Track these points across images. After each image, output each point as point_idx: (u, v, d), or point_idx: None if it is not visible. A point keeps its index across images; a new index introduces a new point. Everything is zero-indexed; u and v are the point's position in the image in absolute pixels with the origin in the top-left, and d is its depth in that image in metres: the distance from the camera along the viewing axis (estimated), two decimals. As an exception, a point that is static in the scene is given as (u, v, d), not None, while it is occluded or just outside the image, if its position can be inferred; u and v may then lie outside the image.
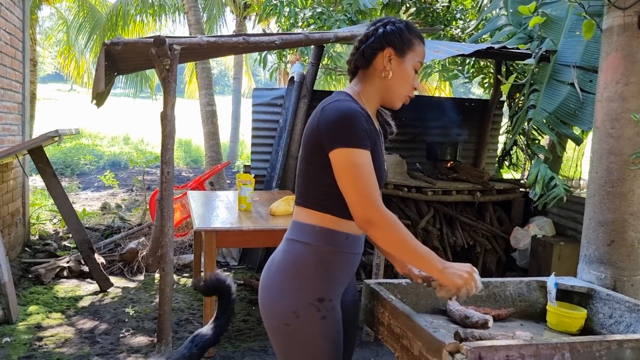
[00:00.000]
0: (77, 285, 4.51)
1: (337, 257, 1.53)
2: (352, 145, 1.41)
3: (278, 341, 1.55)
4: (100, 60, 3.00)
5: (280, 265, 1.55)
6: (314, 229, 1.52)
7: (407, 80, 1.55)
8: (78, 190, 8.84)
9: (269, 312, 1.55)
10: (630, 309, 1.74)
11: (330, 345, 1.52)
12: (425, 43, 1.61)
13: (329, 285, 1.53)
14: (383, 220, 1.40)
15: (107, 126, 16.64)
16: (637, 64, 1.82)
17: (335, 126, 1.42)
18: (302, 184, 1.55)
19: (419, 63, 1.57)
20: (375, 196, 1.41)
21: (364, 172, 1.41)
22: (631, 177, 1.85)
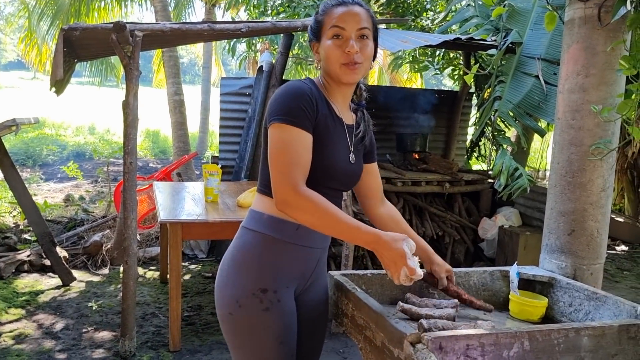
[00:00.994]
0: (38, 279, 4.38)
1: (285, 248, 1.47)
2: (284, 122, 1.36)
3: (225, 330, 1.51)
4: (59, 46, 2.89)
5: (229, 254, 1.52)
6: (262, 217, 1.47)
7: (331, 56, 1.45)
8: (40, 181, 8.58)
9: (217, 301, 1.52)
10: (588, 297, 1.77)
11: (274, 340, 1.46)
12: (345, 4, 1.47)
13: (274, 276, 1.46)
14: (298, 200, 1.32)
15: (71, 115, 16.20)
16: (598, 55, 1.84)
17: (275, 102, 1.40)
18: (260, 169, 1.52)
19: (334, 28, 1.44)
20: (295, 176, 1.33)
21: (289, 149, 1.35)
22: (591, 168, 1.88)
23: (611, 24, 1.80)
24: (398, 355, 1.30)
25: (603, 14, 1.81)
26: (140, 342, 3.29)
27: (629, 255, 6.09)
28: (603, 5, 1.81)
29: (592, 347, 1.41)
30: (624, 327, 1.45)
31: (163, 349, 3.22)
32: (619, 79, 1.86)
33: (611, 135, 1.88)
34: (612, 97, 1.84)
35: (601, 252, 1.96)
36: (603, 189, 1.90)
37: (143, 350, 3.20)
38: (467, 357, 1.29)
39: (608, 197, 1.93)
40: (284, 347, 1.48)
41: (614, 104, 1.82)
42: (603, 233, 1.95)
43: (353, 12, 1.45)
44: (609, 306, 1.70)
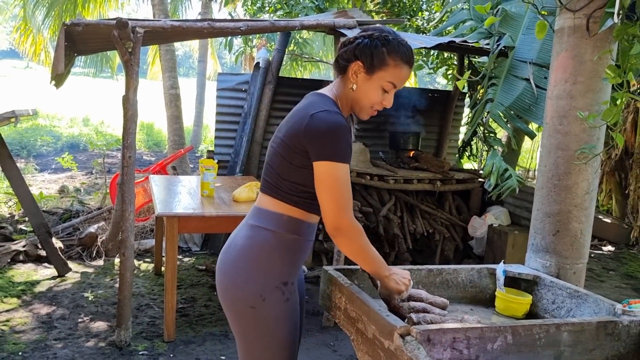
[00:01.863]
0: (34, 269, 4.43)
1: (299, 244, 1.61)
2: (338, 160, 1.47)
3: (242, 324, 1.60)
4: (60, 41, 2.93)
5: (245, 250, 1.59)
6: (282, 218, 1.57)
7: (371, 98, 1.57)
8: (35, 172, 8.58)
9: (232, 297, 1.59)
10: (570, 295, 1.86)
11: (291, 325, 1.61)
12: (411, 65, 1.57)
13: (291, 269, 1.61)
14: (351, 231, 1.51)
15: (65, 106, 16.12)
16: (585, 64, 1.92)
17: (324, 139, 1.46)
18: (274, 176, 1.58)
19: (389, 84, 1.56)
20: (349, 208, 1.50)
21: (343, 185, 1.48)
22: (576, 171, 1.96)
23: (599, 34, 1.88)
24: (388, 346, 1.38)
25: (591, 24, 1.89)
26: (135, 332, 3.35)
27: (614, 256, 6.22)
28: (591, 16, 1.89)
29: (572, 342, 1.49)
30: (602, 324, 1.54)
31: (158, 340, 3.28)
32: (605, 86, 1.94)
33: (596, 140, 1.96)
34: (598, 104, 1.92)
35: (584, 253, 2.05)
36: (587, 192, 1.98)
37: (138, 340, 3.26)
38: (454, 350, 1.37)
39: (592, 199, 2.01)
40: (296, 330, 1.64)
41: (599, 110, 1.90)
42: (586, 234, 2.04)
43: (409, 75, 1.59)
44: (589, 304, 1.78)
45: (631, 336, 1.57)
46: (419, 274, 1.95)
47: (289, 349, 1.61)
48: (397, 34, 1.58)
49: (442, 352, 1.35)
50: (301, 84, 5.84)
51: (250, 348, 1.61)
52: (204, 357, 3.10)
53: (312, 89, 1.68)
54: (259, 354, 1.60)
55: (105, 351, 3.10)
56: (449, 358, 1.36)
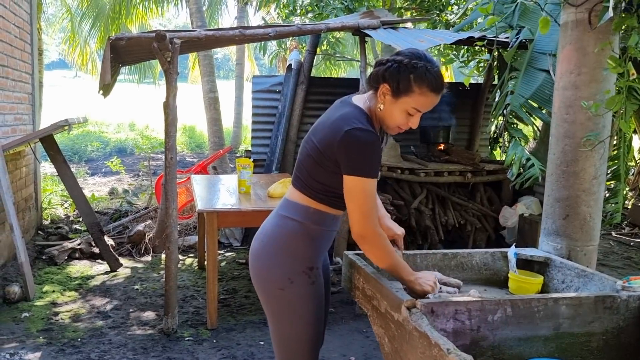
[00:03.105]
0: (89, 265, 4.79)
1: (323, 234, 1.79)
2: (366, 176, 1.61)
3: (273, 304, 1.80)
4: (106, 53, 3.22)
5: (274, 237, 1.78)
6: (308, 210, 1.75)
7: (396, 120, 1.66)
8: (86, 176, 9.11)
9: (264, 279, 1.79)
10: (578, 275, 1.97)
11: (317, 305, 1.79)
12: (438, 93, 1.63)
13: (316, 256, 1.79)
14: (375, 239, 1.66)
15: (112, 113, 16.87)
16: (588, 56, 2.02)
17: (355, 156, 1.59)
18: (305, 174, 1.75)
19: (414, 110, 1.63)
20: (374, 218, 1.65)
21: (369, 198, 1.63)
22: (583, 158, 2.07)
23: (600, 26, 1.98)
24: (397, 318, 1.55)
25: (593, 18, 1.99)
26: (181, 320, 3.62)
27: (656, 244, 6.11)
28: (592, 10, 1.99)
29: (570, 315, 1.62)
30: (600, 298, 1.66)
31: (202, 327, 3.54)
32: (608, 76, 2.03)
33: (601, 128, 2.06)
34: (601, 93, 2.01)
35: (594, 235, 2.15)
36: (595, 177, 2.09)
37: (184, 328, 3.53)
38: (456, 320, 1.53)
39: (600, 184, 2.11)
40: (322, 310, 1.82)
41: (603, 99, 2.00)
42: (596, 217, 2.13)
43: (436, 101, 1.66)
44: (595, 282, 1.89)
45: (630, 310, 1.68)
46: (434, 258, 2.10)
47: (315, 326, 1.80)
48: (429, 60, 1.63)
49: (445, 322, 1.51)
50: (332, 83, 6.02)
51: (280, 325, 1.81)
52: (244, 342, 3.33)
53: (342, 88, 1.82)
54: (288, 330, 1.79)
55: (155, 337, 3.38)
56: (452, 328, 1.51)
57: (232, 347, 3.27)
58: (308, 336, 1.79)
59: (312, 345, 1.80)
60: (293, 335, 1.79)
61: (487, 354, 1.53)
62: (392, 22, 4.09)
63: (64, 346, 3.22)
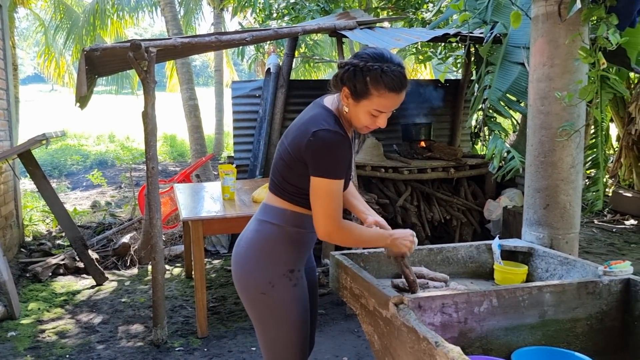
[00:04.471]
0: (74, 280, 4.72)
1: (302, 236, 1.79)
2: (332, 177, 1.62)
3: (256, 309, 1.79)
4: (81, 65, 3.18)
5: (253, 242, 1.79)
6: (285, 213, 1.76)
7: (361, 121, 1.66)
8: (67, 190, 8.99)
9: (245, 284, 1.79)
10: (561, 263, 2.00)
11: (301, 307, 1.79)
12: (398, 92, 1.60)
13: (297, 258, 1.79)
14: (340, 234, 1.69)
15: (91, 125, 16.69)
16: (560, 48, 2.06)
17: (321, 158, 1.61)
18: (279, 177, 1.76)
19: (376, 111, 1.62)
20: (338, 217, 1.66)
21: (334, 198, 1.64)
22: (560, 148, 2.10)
23: (570, 18, 2.02)
24: (385, 315, 1.56)
25: (562, 10, 2.03)
26: (170, 331, 3.59)
27: (637, 229, 6.22)
28: (562, 3, 2.03)
29: (554, 302, 1.65)
30: (583, 284, 1.68)
31: (192, 336, 3.52)
32: (580, 67, 2.07)
33: (576, 117, 2.10)
34: (575, 83, 2.05)
35: (574, 223, 2.18)
36: (572, 166, 2.12)
37: (174, 338, 3.50)
38: (444, 314, 1.54)
39: (578, 172, 2.15)
40: (306, 312, 1.82)
41: (576, 89, 2.04)
42: (575, 205, 2.17)
43: (399, 99, 1.62)
44: (577, 269, 1.93)
45: (612, 294, 1.71)
46: (420, 254, 2.12)
47: (301, 329, 1.79)
48: (387, 60, 1.59)
49: (432, 316, 1.52)
50: (312, 85, 6.02)
51: (265, 330, 1.80)
52: (236, 349, 3.32)
53: (322, 89, 1.78)
54: (273, 334, 1.79)
55: (144, 350, 3.35)
56: (440, 321, 1.53)
57: (224, 355, 3.25)
58: (293, 339, 1.78)
59: (299, 349, 1.80)
60: (278, 339, 1.79)
61: (475, 345, 1.55)
62: (369, 22, 4.11)
63: (52, 363, 3.18)
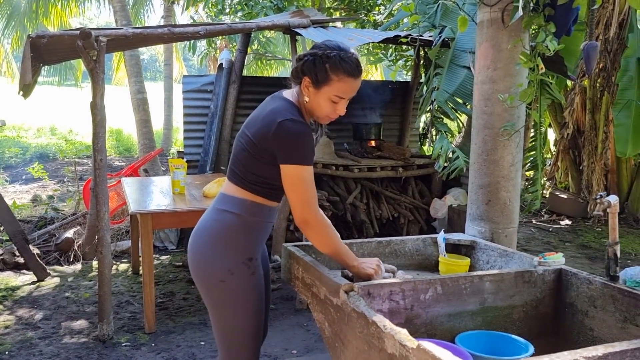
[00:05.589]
0: (13, 276, 4.54)
1: (261, 225, 1.83)
2: (303, 163, 1.68)
3: (214, 296, 1.81)
4: (26, 52, 3.08)
5: (212, 230, 1.81)
6: (245, 202, 1.79)
7: (322, 109, 1.74)
8: (5, 183, 8.58)
9: (203, 272, 1.80)
10: (500, 255, 2.12)
11: (257, 296, 1.82)
12: (356, 77, 1.69)
13: (255, 247, 1.83)
14: (317, 224, 1.73)
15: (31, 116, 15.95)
16: (503, 52, 2.18)
17: (290, 145, 1.66)
18: (241, 167, 1.79)
19: (336, 97, 1.70)
20: (314, 204, 1.71)
21: (308, 184, 1.70)
22: (501, 147, 2.23)
23: (512, 25, 2.14)
24: (336, 302, 1.61)
25: (505, 17, 2.16)
26: (117, 327, 3.52)
27: (571, 229, 6.60)
28: (505, 10, 2.15)
29: (494, 290, 1.75)
30: (520, 274, 1.80)
31: (139, 332, 3.46)
32: (521, 71, 2.21)
33: (516, 118, 2.23)
34: (516, 86, 2.18)
35: (514, 218, 2.32)
36: (512, 164, 2.26)
37: (120, 333, 3.44)
38: (391, 301, 1.62)
39: (517, 170, 2.28)
40: (262, 301, 1.86)
41: (517, 92, 2.17)
42: (514, 202, 2.31)
43: (357, 84, 1.72)
44: (515, 260, 2.05)
45: (546, 283, 1.84)
46: (369, 246, 2.19)
47: (256, 317, 1.83)
48: (342, 48, 1.71)
49: (381, 303, 1.59)
50: (264, 82, 6.04)
51: (222, 317, 1.83)
52: (185, 344, 3.30)
53: (274, 87, 1.86)
54: (230, 322, 1.82)
55: (89, 345, 3.27)
56: (388, 308, 1.60)
57: (172, 350, 3.22)
58: (250, 326, 1.82)
59: (255, 336, 1.83)
60: (235, 327, 1.82)
61: (420, 330, 1.63)
62: (322, 21, 4.17)
63: (-10, 360, 3.06)
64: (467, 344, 1.52)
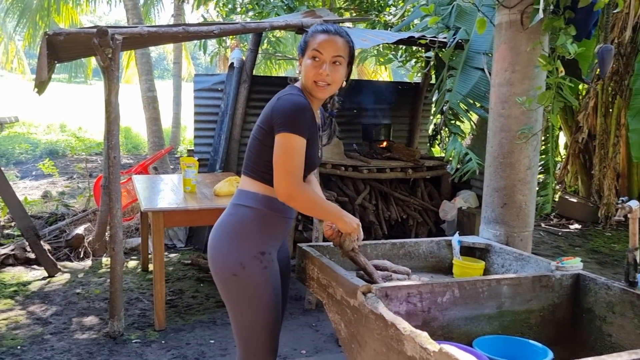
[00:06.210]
0: (24, 271, 4.56)
1: (274, 219, 1.83)
2: (293, 132, 1.69)
3: (228, 290, 1.82)
4: (42, 49, 3.09)
5: (227, 225, 1.83)
6: (257, 196, 1.81)
7: (307, 73, 1.79)
8: (16, 179, 8.63)
9: (218, 266, 1.82)
10: (516, 259, 2.11)
11: (272, 290, 1.82)
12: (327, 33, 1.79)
13: (268, 241, 1.83)
14: (302, 196, 1.73)
15: (40, 113, 16.04)
16: (521, 54, 2.17)
17: (285, 114, 1.70)
18: (251, 157, 1.84)
19: (314, 51, 1.77)
20: (299, 175, 1.71)
21: (295, 154, 1.70)
22: (518, 150, 2.22)
23: (531, 27, 2.13)
24: (353, 304, 1.61)
25: (524, 19, 2.14)
26: (127, 323, 3.53)
27: (581, 233, 6.56)
28: (524, 12, 2.14)
29: (511, 294, 1.75)
30: (537, 278, 1.79)
31: (149, 329, 3.47)
32: (540, 73, 2.19)
33: (534, 121, 2.22)
34: (534, 89, 2.17)
35: (529, 222, 2.31)
36: (529, 167, 2.24)
37: (130, 330, 3.45)
38: (409, 303, 1.61)
39: (533, 174, 2.27)
40: (278, 296, 1.85)
41: (535, 95, 2.16)
42: (530, 205, 2.30)
43: (332, 40, 1.77)
44: (531, 264, 2.04)
45: (564, 287, 1.83)
46: (383, 248, 2.19)
47: (272, 311, 1.83)
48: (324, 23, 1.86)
49: (398, 305, 1.59)
50: (274, 81, 6.05)
51: (237, 311, 1.83)
52: (194, 342, 3.31)
53: (285, 86, 1.90)
54: (245, 316, 1.82)
55: (100, 341, 3.29)
56: (405, 310, 1.60)
57: (182, 347, 3.23)
58: (265, 321, 1.82)
59: (271, 331, 1.83)
60: (250, 321, 1.82)
61: (437, 333, 1.62)
62: (334, 22, 4.17)
63: (3, 355, 3.07)
64: (485, 348, 1.51)
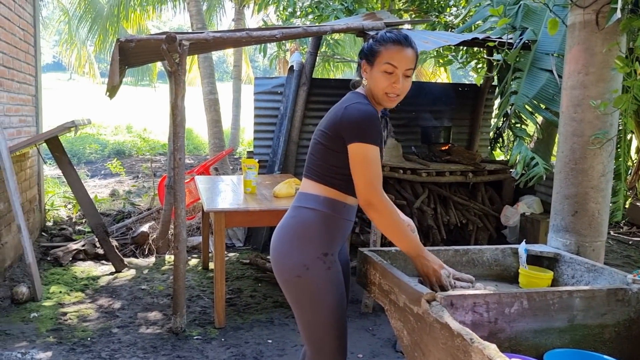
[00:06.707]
0: (93, 266, 4.80)
1: (336, 221, 1.85)
2: (369, 142, 1.72)
3: (293, 292, 1.85)
4: (115, 55, 3.24)
5: (290, 227, 1.86)
6: (319, 198, 1.84)
7: (378, 84, 1.79)
8: (86, 178, 9.11)
9: (282, 267, 1.85)
10: (588, 270, 2.01)
11: (336, 289, 1.84)
12: (402, 44, 1.77)
13: (330, 243, 1.85)
14: (382, 205, 1.73)
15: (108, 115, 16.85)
16: (596, 56, 2.07)
17: (357, 124, 1.72)
18: (314, 161, 1.86)
19: (388, 65, 1.76)
20: (379, 185, 1.74)
21: (374, 164, 1.73)
22: (591, 155, 2.12)
23: (607, 27, 2.03)
24: (417, 311, 1.59)
25: (600, 19, 2.04)
26: (188, 320, 3.65)
27: (654, 242, 6.19)
28: (600, 12, 2.04)
29: (584, 307, 1.67)
30: (612, 291, 1.70)
31: (209, 326, 3.57)
32: (616, 76, 2.08)
33: (609, 126, 2.11)
34: (609, 92, 2.07)
35: (602, 231, 2.19)
36: (603, 174, 2.14)
37: (192, 327, 3.56)
38: (475, 313, 1.57)
39: (608, 181, 2.16)
40: (342, 296, 1.87)
41: (610, 98, 2.05)
42: (604, 214, 2.18)
43: (406, 54, 1.77)
44: (605, 276, 1.94)
45: (641, 302, 1.73)
46: (446, 254, 2.15)
47: (337, 312, 1.84)
48: (388, 30, 1.84)
49: (464, 315, 1.55)
50: (333, 84, 6.06)
51: (302, 312, 1.86)
52: (253, 341, 3.37)
53: (344, 89, 1.95)
54: (310, 317, 1.85)
55: (164, 337, 3.41)
56: (470, 320, 1.56)
57: (241, 346, 3.30)
58: (331, 321, 1.83)
59: (338, 331, 1.85)
60: (315, 321, 1.84)
61: (504, 345, 1.57)
62: (395, 24, 4.13)
63: (74, 345, 3.24)
64: (556, 362, 1.45)
